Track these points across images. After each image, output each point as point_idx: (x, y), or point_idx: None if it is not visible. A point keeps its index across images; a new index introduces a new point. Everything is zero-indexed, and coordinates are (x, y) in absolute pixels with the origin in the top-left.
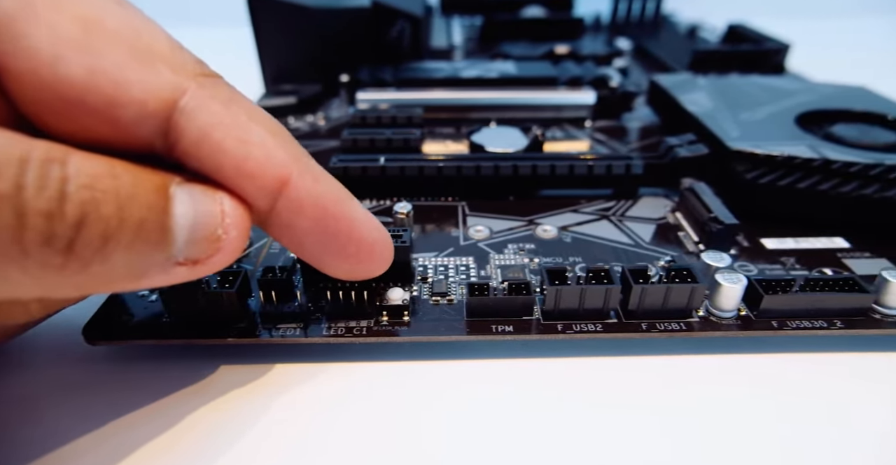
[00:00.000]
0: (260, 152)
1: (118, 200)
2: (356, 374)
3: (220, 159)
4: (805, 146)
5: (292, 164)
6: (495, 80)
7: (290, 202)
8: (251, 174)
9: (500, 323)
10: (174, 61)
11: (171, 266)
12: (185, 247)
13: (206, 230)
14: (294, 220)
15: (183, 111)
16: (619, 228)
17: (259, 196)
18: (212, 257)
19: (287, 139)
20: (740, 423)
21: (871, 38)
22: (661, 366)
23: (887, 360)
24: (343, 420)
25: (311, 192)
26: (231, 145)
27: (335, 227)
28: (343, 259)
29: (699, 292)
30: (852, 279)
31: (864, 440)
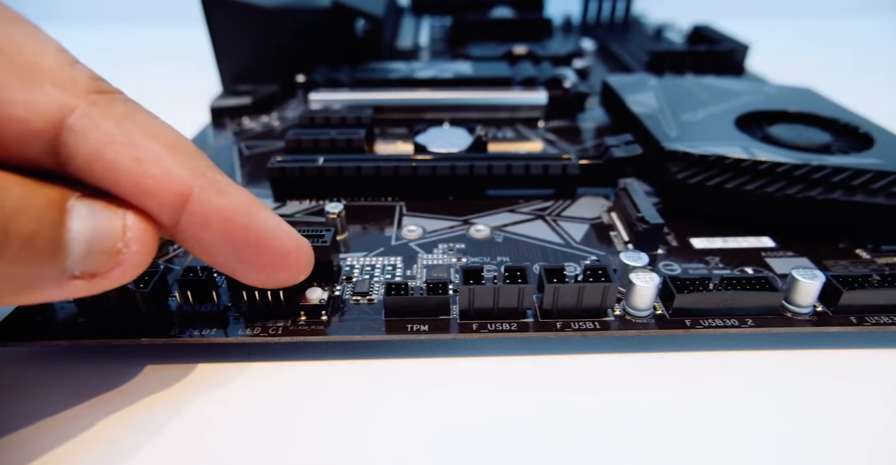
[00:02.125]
0: (156, 170)
1: (4, 212)
2: (275, 373)
3: (116, 178)
4: (738, 147)
5: (193, 179)
6: (449, 80)
7: (195, 217)
8: (149, 192)
9: (416, 322)
10: (62, 78)
11: (66, 280)
12: (82, 261)
13: (105, 244)
14: (200, 234)
15: (72, 130)
16: (552, 227)
17: (161, 212)
18: (112, 271)
19: (189, 154)
20: (653, 421)
21: (843, 40)
22: (581, 365)
23: (798, 357)
24: (260, 420)
25: (216, 206)
26: (125, 164)
27: (244, 238)
28: (257, 269)
29: (612, 292)
30: (764, 278)
31: (773, 438)
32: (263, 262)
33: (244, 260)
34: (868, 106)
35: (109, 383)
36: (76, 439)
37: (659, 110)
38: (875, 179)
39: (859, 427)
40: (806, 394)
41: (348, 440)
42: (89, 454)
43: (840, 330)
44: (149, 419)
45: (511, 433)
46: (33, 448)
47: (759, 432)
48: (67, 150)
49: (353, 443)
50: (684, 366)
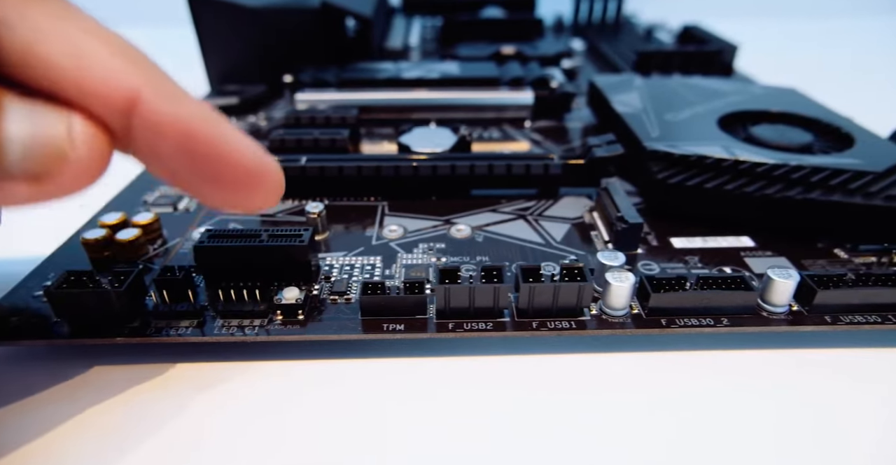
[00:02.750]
0: (98, 69)
1: None
2: (252, 373)
3: (54, 76)
4: (719, 147)
5: (141, 81)
6: (436, 80)
7: (146, 123)
8: (92, 92)
9: (393, 322)
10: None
11: (4, 181)
12: (21, 162)
13: (48, 148)
14: (155, 143)
15: (2, 23)
16: (533, 227)
17: (109, 117)
18: (59, 176)
19: (138, 58)
20: (630, 420)
21: (833, 40)
22: (559, 365)
23: (775, 357)
24: (236, 419)
25: (168, 111)
26: (62, 61)
27: (203, 151)
28: (220, 188)
29: (587, 291)
30: (740, 278)
31: (751, 436)
32: (226, 179)
33: (206, 177)
34: (855, 106)
35: (85, 384)
36: (51, 439)
37: (643, 110)
38: (853, 179)
39: (838, 425)
40: (783, 393)
41: (325, 439)
42: (64, 454)
43: (815, 329)
44: (125, 418)
45: (489, 433)
46: (6, 447)
47: (737, 430)
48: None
49: (330, 442)
50: (662, 366)
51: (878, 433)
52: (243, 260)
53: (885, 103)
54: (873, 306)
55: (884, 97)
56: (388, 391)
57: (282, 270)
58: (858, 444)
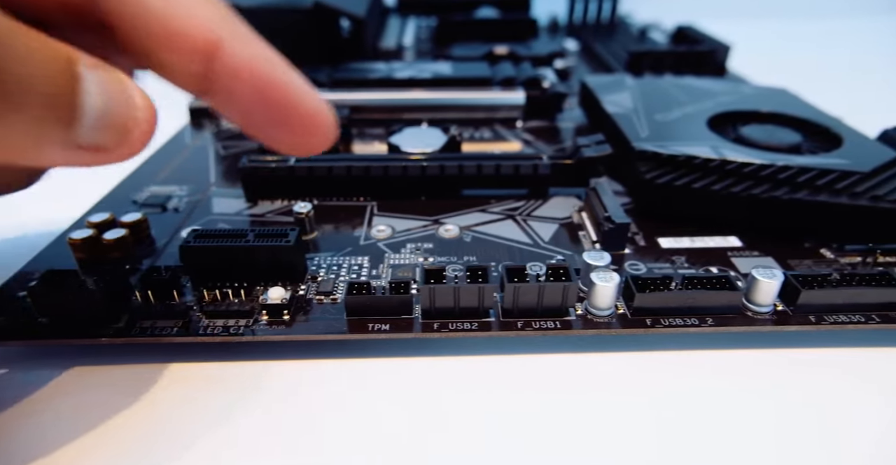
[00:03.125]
0: (184, 11)
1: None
2: (238, 372)
3: (146, 18)
4: (708, 147)
5: (222, 25)
6: (428, 80)
7: (225, 67)
8: (180, 33)
9: (378, 322)
10: None
11: (73, 148)
12: (91, 131)
13: (118, 119)
14: (232, 85)
15: None
16: (521, 227)
17: (191, 58)
18: (119, 148)
19: (219, 3)
20: (616, 420)
21: (828, 41)
22: (545, 364)
23: (759, 356)
24: (220, 419)
25: (246, 54)
26: (156, 5)
27: (276, 94)
28: (287, 130)
29: (572, 291)
30: (725, 278)
31: (736, 436)
32: (293, 122)
33: (274, 118)
34: (849, 106)
35: (68, 384)
36: (34, 440)
37: (633, 110)
38: (839, 179)
39: (823, 424)
40: (769, 393)
41: (312, 438)
42: (47, 455)
43: (799, 329)
44: (108, 418)
45: (475, 432)
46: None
47: (723, 430)
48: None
49: (317, 442)
50: (648, 365)
51: (863, 431)
52: (229, 260)
53: (879, 103)
54: (857, 305)
55: (877, 97)
56: (374, 391)
57: (268, 270)
58: (844, 442)
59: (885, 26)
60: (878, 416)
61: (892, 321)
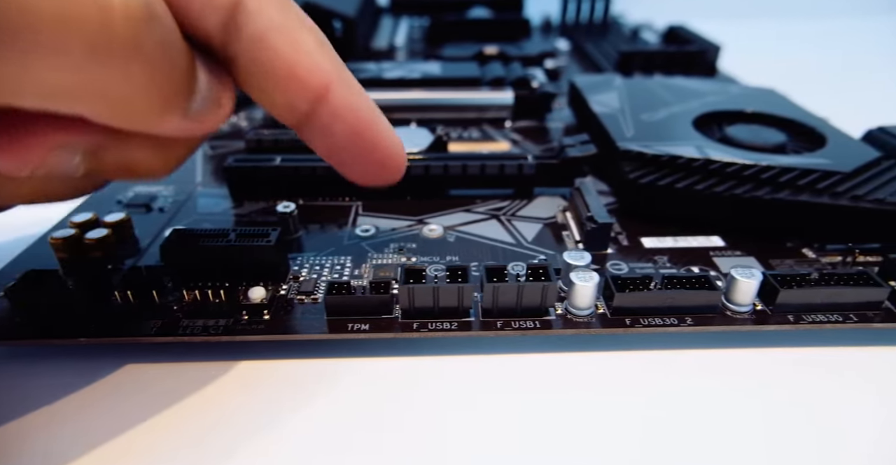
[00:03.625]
0: (308, 59)
1: (173, 29)
2: (218, 372)
3: (273, 61)
4: (692, 147)
5: (334, 72)
6: (417, 80)
7: (330, 108)
8: (300, 78)
9: (358, 322)
10: None
11: (187, 118)
12: (201, 102)
13: (216, 94)
14: (331, 124)
15: (245, 10)
16: (505, 227)
17: (302, 99)
18: (209, 122)
19: (330, 50)
20: (596, 420)
21: (821, 41)
22: (526, 364)
23: (740, 356)
24: (196, 419)
25: (349, 100)
26: (285, 50)
27: (366, 133)
28: (366, 165)
29: (551, 291)
30: (704, 277)
31: (713, 434)
32: (373, 159)
33: (359, 154)
34: (840, 106)
35: (48, 383)
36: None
37: (619, 110)
38: (821, 179)
39: (801, 423)
40: (753, 392)
41: (291, 438)
42: (18, 456)
43: (778, 329)
44: (84, 417)
45: (454, 432)
46: None
47: (702, 428)
48: (237, 28)
49: (297, 441)
50: (628, 365)
51: (849, 429)
52: (210, 260)
53: (869, 103)
54: (836, 305)
55: (868, 97)
56: (354, 391)
57: (250, 270)
58: (827, 441)
59: (877, 26)
60: (861, 414)
61: (869, 321)
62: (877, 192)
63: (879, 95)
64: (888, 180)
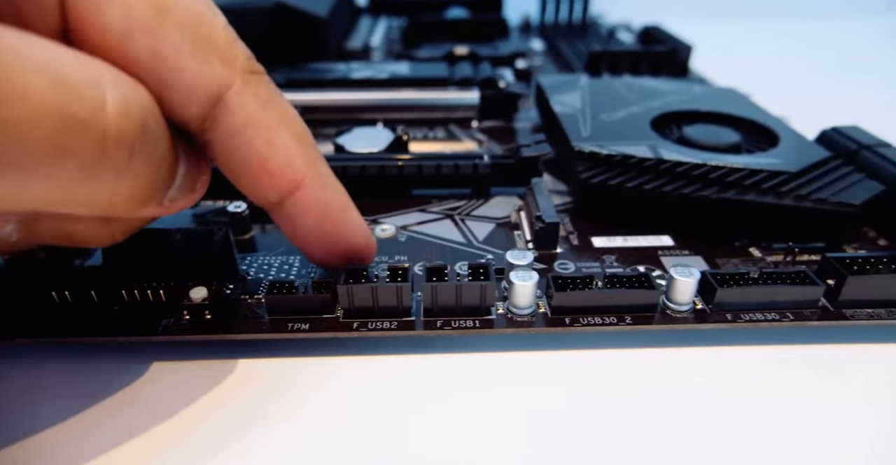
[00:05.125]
0: (282, 156)
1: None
2: (157, 373)
3: (247, 155)
4: (646, 147)
5: (307, 170)
6: (384, 81)
7: (298, 202)
8: (270, 173)
9: (298, 321)
10: (227, 55)
11: (165, 203)
12: (176, 190)
13: (190, 183)
14: (298, 217)
15: (225, 105)
16: (458, 227)
17: (271, 191)
18: (184, 204)
19: (308, 145)
20: (538, 418)
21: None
22: (467, 364)
23: (680, 355)
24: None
25: (319, 197)
26: (258, 145)
27: (331, 229)
28: (329, 254)
29: (490, 290)
30: (644, 276)
31: (653, 433)
32: (337, 250)
33: (323, 245)
34: (804, 106)
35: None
36: None
37: (580, 110)
38: (767, 178)
39: (736, 423)
40: (686, 392)
41: (232, 438)
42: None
43: (715, 327)
44: (20, 418)
45: (395, 432)
46: None
47: (642, 429)
48: (215, 120)
49: (238, 441)
50: (570, 364)
51: (771, 429)
52: (153, 259)
53: (837, 103)
54: (773, 303)
55: (836, 97)
56: (298, 390)
57: (196, 269)
58: (753, 441)
59: (851, 28)
60: (796, 412)
61: (806, 319)
62: (820, 192)
63: (850, 95)
64: (833, 180)
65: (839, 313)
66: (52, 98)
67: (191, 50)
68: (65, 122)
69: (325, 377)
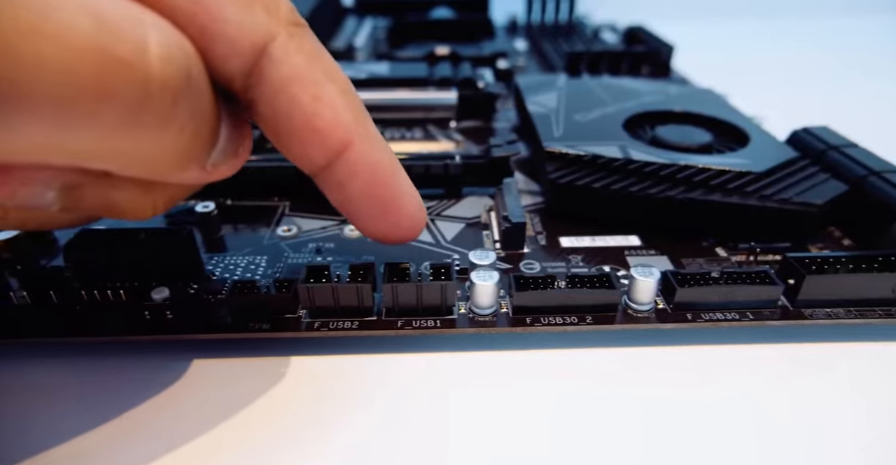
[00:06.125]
0: (329, 112)
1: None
2: (124, 372)
3: (292, 111)
4: (616, 147)
5: (356, 128)
6: (363, 81)
7: (348, 164)
8: (319, 131)
9: (260, 321)
10: (270, 5)
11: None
12: (219, 153)
13: (234, 146)
14: (348, 180)
15: (270, 58)
16: (427, 227)
17: (319, 153)
18: (227, 170)
19: (355, 102)
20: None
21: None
22: (429, 364)
23: (648, 354)
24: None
25: (369, 158)
26: (305, 101)
27: (383, 194)
28: (381, 223)
29: (451, 290)
30: (605, 276)
31: (615, 434)
32: (388, 218)
33: (373, 213)
34: (785, 106)
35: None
36: None
37: (554, 110)
38: (733, 179)
39: (699, 421)
40: (648, 391)
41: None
42: None
43: (675, 327)
44: None
45: (353, 432)
46: None
47: (605, 428)
48: (259, 75)
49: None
50: (536, 364)
51: (735, 428)
52: (117, 259)
53: (817, 103)
54: (735, 303)
55: (817, 97)
56: (260, 391)
57: (161, 269)
58: (717, 440)
59: (842, 27)
60: (759, 412)
61: (766, 319)
62: (784, 192)
63: (834, 95)
64: (798, 181)
65: (798, 312)
66: (93, 37)
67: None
68: (107, 62)
69: (288, 377)
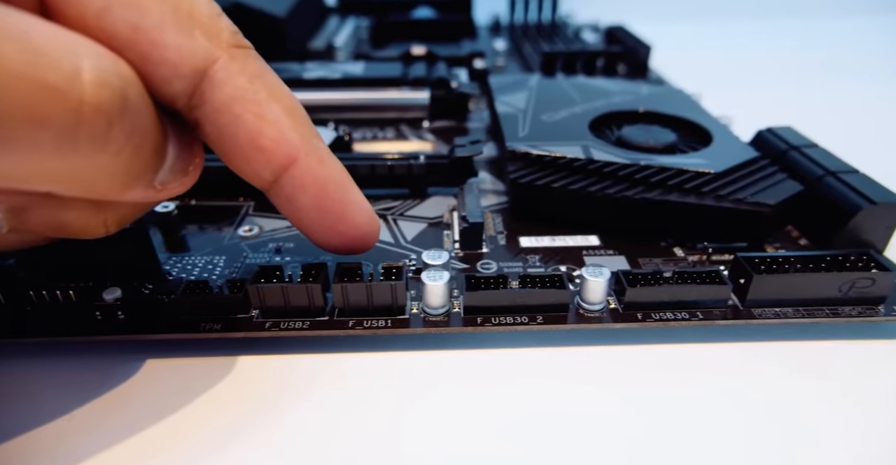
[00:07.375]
0: (273, 131)
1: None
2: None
3: (237, 131)
4: (579, 147)
5: (301, 145)
6: (337, 81)
7: (294, 179)
8: (263, 149)
9: (211, 321)
10: (211, 29)
11: (154, 186)
12: (167, 172)
13: (184, 164)
14: (295, 195)
15: (211, 80)
16: (389, 226)
17: (266, 169)
18: (176, 188)
19: (301, 120)
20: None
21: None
22: (381, 363)
23: (596, 353)
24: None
25: (316, 173)
26: (248, 120)
27: (331, 207)
28: (331, 235)
29: (401, 290)
30: (557, 276)
31: (549, 428)
32: (339, 230)
33: (323, 224)
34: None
35: None
36: None
37: (522, 110)
38: (691, 179)
39: (651, 420)
40: (600, 390)
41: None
42: None
43: (625, 326)
44: None
45: (304, 433)
46: None
47: (555, 427)
48: (202, 96)
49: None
50: (491, 363)
51: (685, 426)
52: (69, 258)
53: (790, 103)
54: (685, 303)
55: (791, 97)
56: (211, 390)
57: (117, 269)
58: (666, 438)
59: (825, 28)
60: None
61: (715, 318)
62: (740, 192)
63: (807, 96)
64: (755, 181)
65: (748, 312)
66: (20, 65)
67: (172, 23)
68: (37, 89)
69: (240, 377)
